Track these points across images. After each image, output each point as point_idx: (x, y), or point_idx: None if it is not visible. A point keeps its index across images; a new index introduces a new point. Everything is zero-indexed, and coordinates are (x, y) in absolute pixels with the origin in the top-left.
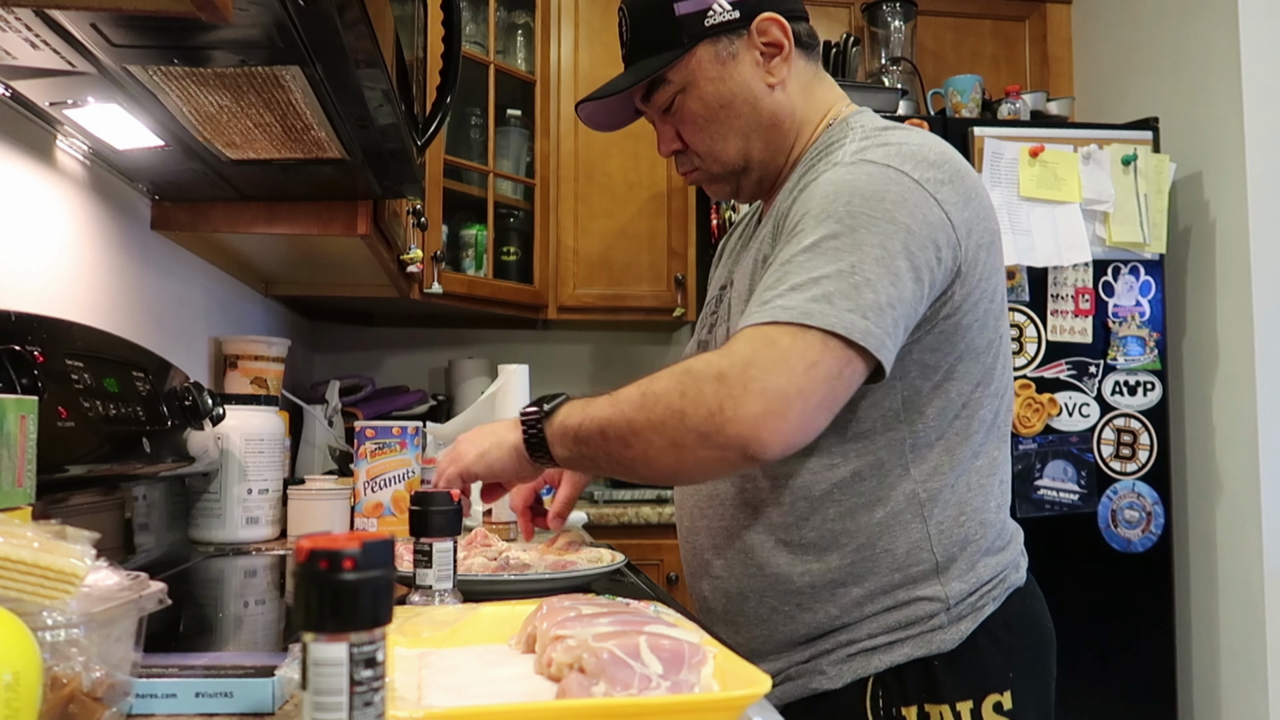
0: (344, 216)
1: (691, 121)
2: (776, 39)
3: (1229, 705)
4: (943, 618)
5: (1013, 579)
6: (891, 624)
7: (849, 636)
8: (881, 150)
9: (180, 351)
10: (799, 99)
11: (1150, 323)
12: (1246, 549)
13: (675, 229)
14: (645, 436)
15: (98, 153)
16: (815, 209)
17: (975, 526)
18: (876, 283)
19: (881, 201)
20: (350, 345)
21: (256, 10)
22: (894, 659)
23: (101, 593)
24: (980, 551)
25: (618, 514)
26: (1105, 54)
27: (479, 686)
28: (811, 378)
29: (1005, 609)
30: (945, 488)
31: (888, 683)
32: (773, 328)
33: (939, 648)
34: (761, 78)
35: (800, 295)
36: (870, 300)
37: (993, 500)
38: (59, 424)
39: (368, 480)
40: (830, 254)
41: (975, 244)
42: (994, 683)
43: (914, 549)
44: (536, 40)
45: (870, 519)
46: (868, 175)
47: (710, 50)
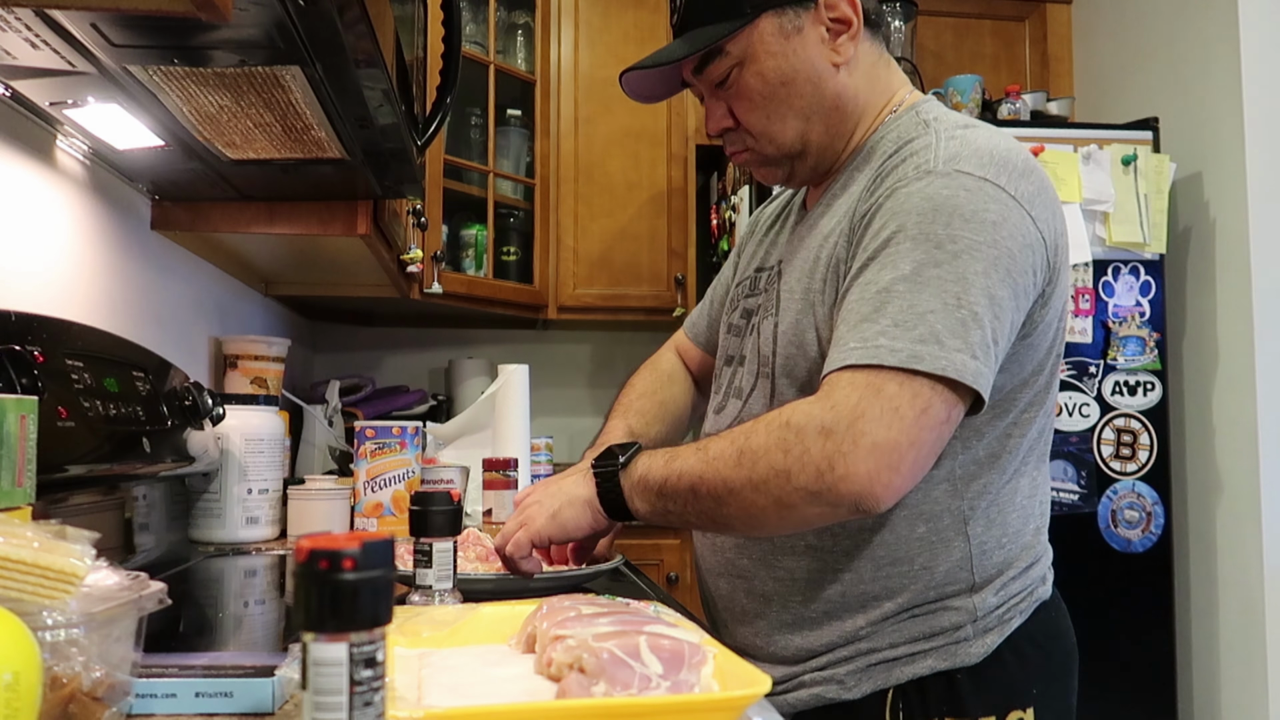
0: (344, 216)
1: (748, 98)
2: (845, 14)
3: (1229, 705)
4: (969, 629)
5: (1039, 592)
6: (915, 634)
7: (869, 645)
8: (974, 158)
9: (180, 351)
10: (864, 82)
11: (1150, 323)
12: (1246, 549)
13: (675, 229)
14: (745, 496)
15: (98, 153)
16: (912, 227)
17: (1015, 549)
18: (983, 316)
19: (983, 223)
20: (350, 345)
21: (256, 10)
22: (916, 671)
23: (101, 593)
24: (1015, 569)
25: None
26: (1105, 54)
27: (479, 686)
28: (922, 426)
29: (1031, 622)
30: (991, 507)
31: (909, 695)
32: (878, 373)
33: (963, 661)
34: (827, 55)
35: (907, 335)
36: (979, 338)
37: (1033, 522)
38: (59, 424)
39: (368, 480)
40: (934, 285)
41: (1060, 259)
42: (1018, 699)
43: (954, 568)
44: (536, 40)
45: (911, 534)
46: (966, 191)
47: (774, 22)
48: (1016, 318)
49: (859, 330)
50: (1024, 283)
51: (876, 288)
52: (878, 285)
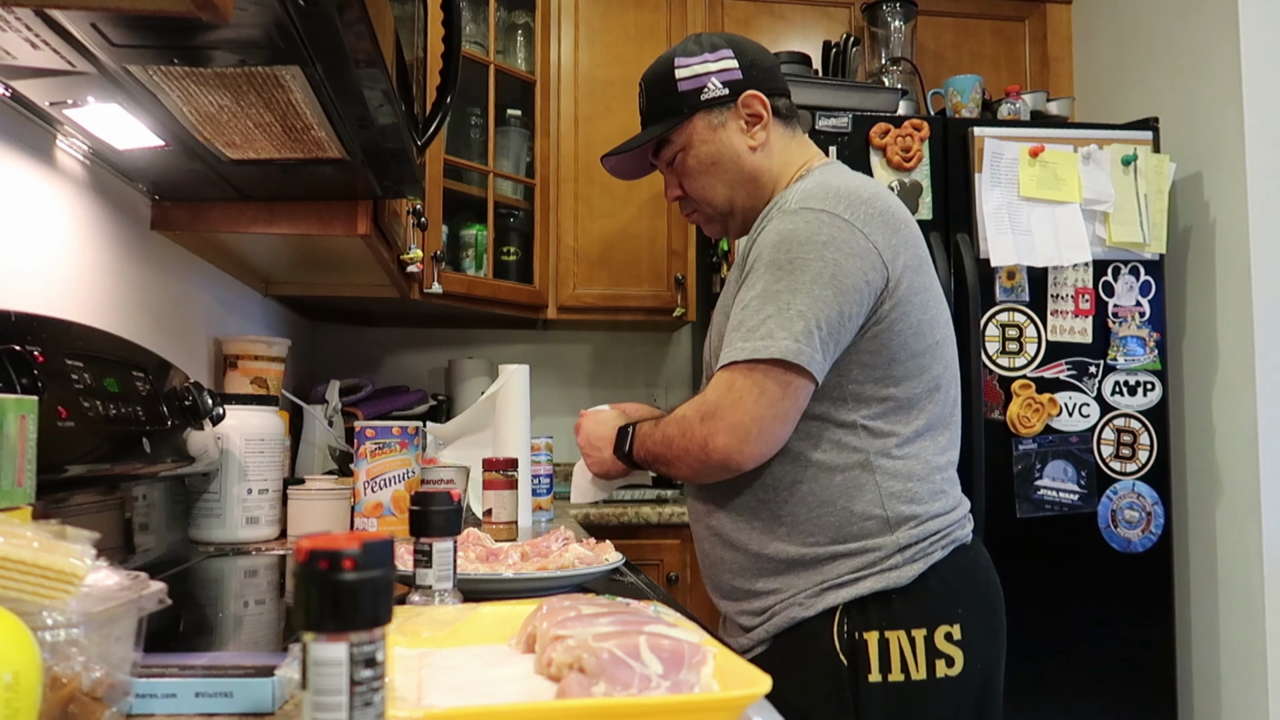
0: (344, 216)
1: (689, 174)
2: (757, 111)
3: (1229, 705)
4: (897, 558)
5: (958, 535)
6: (854, 566)
7: (820, 577)
8: (819, 195)
9: (180, 351)
10: (776, 158)
11: (1150, 323)
12: (1246, 549)
13: (675, 229)
14: (672, 462)
15: (98, 153)
16: (766, 257)
17: (924, 494)
18: (806, 311)
19: (814, 243)
20: (350, 345)
21: (256, 10)
22: (857, 592)
23: (101, 593)
24: (925, 515)
25: (617, 514)
26: (1105, 54)
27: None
28: (761, 405)
29: (952, 558)
30: (894, 462)
31: (852, 612)
32: (731, 371)
33: (894, 583)
34: (745, 141)
35: (752, 336)
36: (801, 328)
37: (939, 475)
38: (59, 424)
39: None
40: (774, 298)
41: (902, 265)
42: (944, 616)
43: (867, 506)
44: (536, 40)
45: (830, 481)
46: (805, 221)
47: (705, 119)
48: (848, 308)
49: (727, 339)
50: (852, 281)
51: (740, 306)
52: (741, 304)
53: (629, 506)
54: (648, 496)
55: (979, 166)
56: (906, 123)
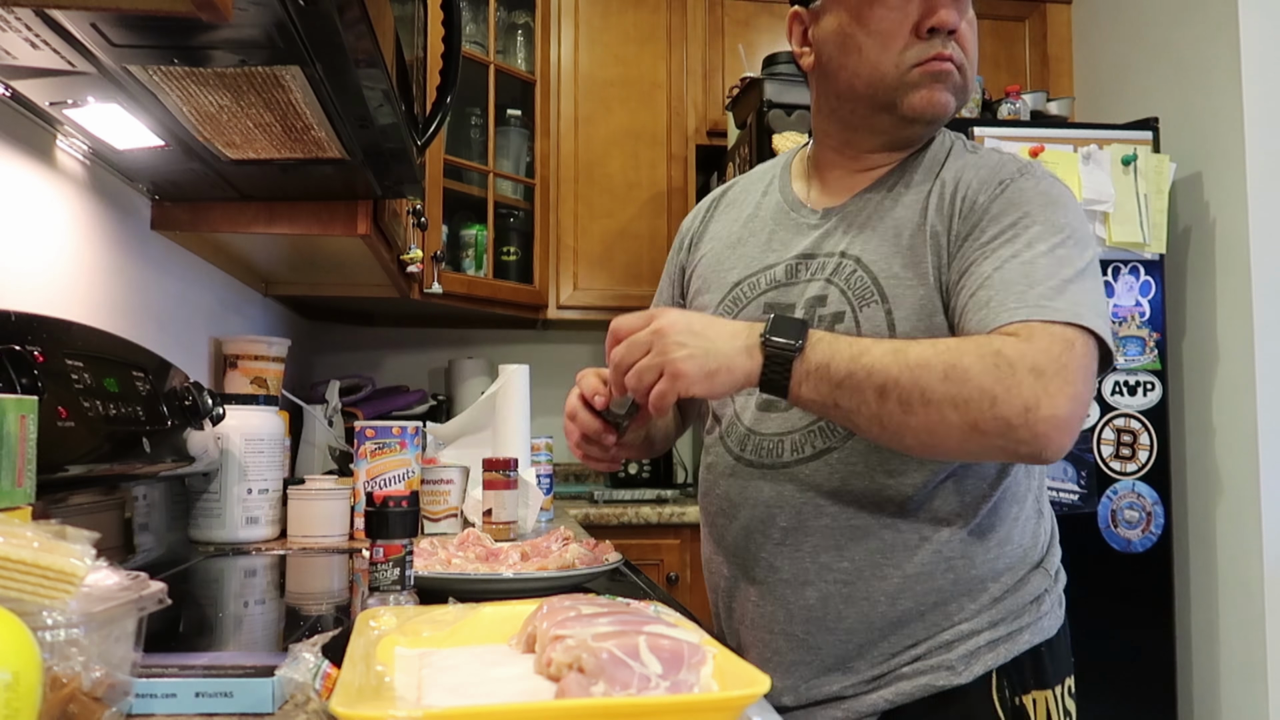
0: (344, 216)
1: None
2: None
3: (1229, 705)
4: (1048, 600)
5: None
6: (1008, 611)
7: (971, 628)
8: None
9: (180, 351)
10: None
11: (1150, 323)
12: (1246, 549)
13: (675, 229)
14: (941, 410)
15: (98, 153)
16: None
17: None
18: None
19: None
20: (350, 345)
21: (256, 10)
22: (1015, 649)
23: (101, 593)
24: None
25: (618, 514)
26: (1105, 54)
27: (479, 686)
28: (1089, 385)
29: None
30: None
31: (1010, 673)
32: (1068, 330)
33: (1045, 634)
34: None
35: (1059, 296)
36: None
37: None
38: (59, 424)
39: (368, 480)
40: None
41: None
42: (1068, 665)
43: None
44: (536, 40)
45: (1008, 514)
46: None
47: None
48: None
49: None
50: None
51: (1019, 262)
52: (1018, 259)
53: (629, 507)
54: (647, 496)
55: None
56: None
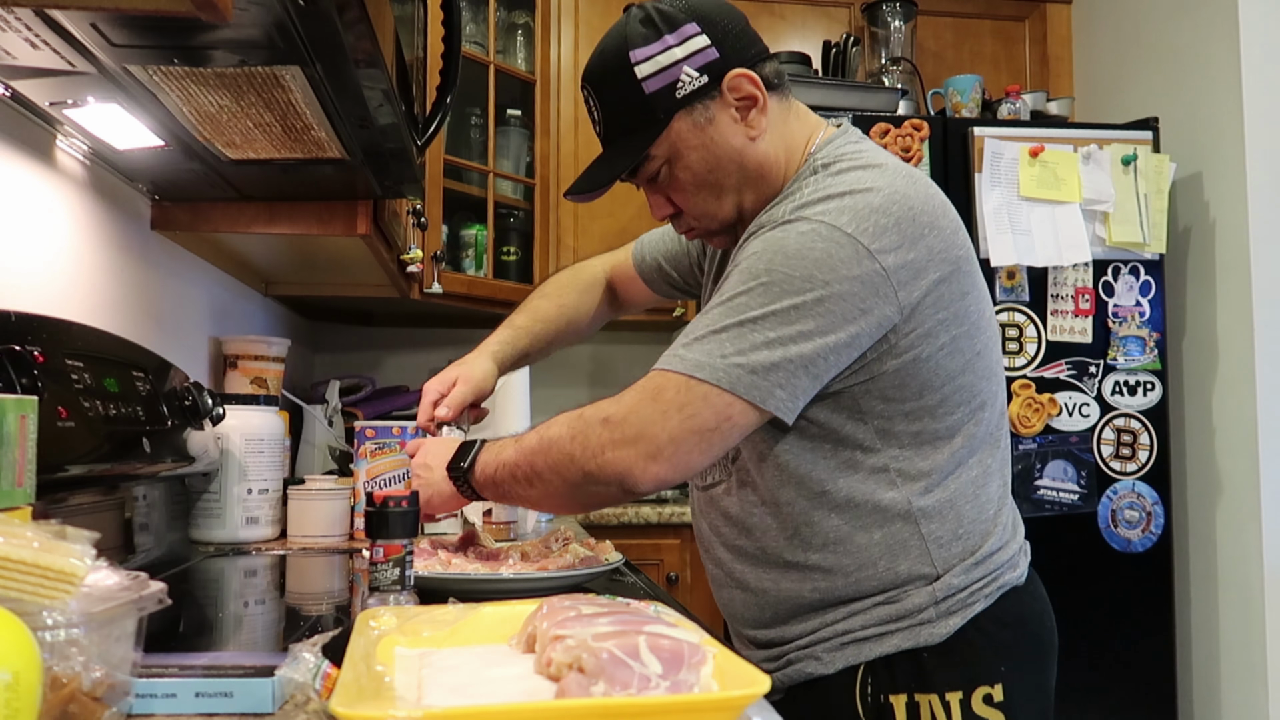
0: (344, 216)
1: (681, 189)
2: (749, 92)
3: (1229, 705)
4: (931, 612)
5: (1008, 577)
6: (883, 616)
7: (844, 626)
8: (820, 205)
9: (180, 351)
10: (779, 141)
11: (1150, 323)
12: (1246, 549)
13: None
14: (545, 478)
15: (98, 153)
16: (743, 265)
17: (974, 537)
18: (775, 341)
19: (803, 260)
20: (350, 345)
21: (256, 10)
22: (884, 649)
23: (101, 593)
24: (976, 558)
25: (617, 514)
26: (1105, 54)
27: (479, 686)
28: (686, 428)
29: (998, 606)
30: (939, 503)
31: (877, 671)
32: (665, 376)
33: (928, 640)
34: (742, 133)
35: (699, 348)
36: (763, 358)
37: (990, 507)
38: (59, 424)
39: (368, 480)
40: (738, 311)
41: (926, 285)
42: (984, 675)
43: (914, 564)
44: (536, 40)
45: (870, 540)
46: (798, 234)
47: (687, 120)
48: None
49: (675, 343)
50: (845, 310)
51: (700, 315)
52: (702, 314)
53: (629, 506)
54: (648, 496)
55: (979, 166)
56: (906, 123)
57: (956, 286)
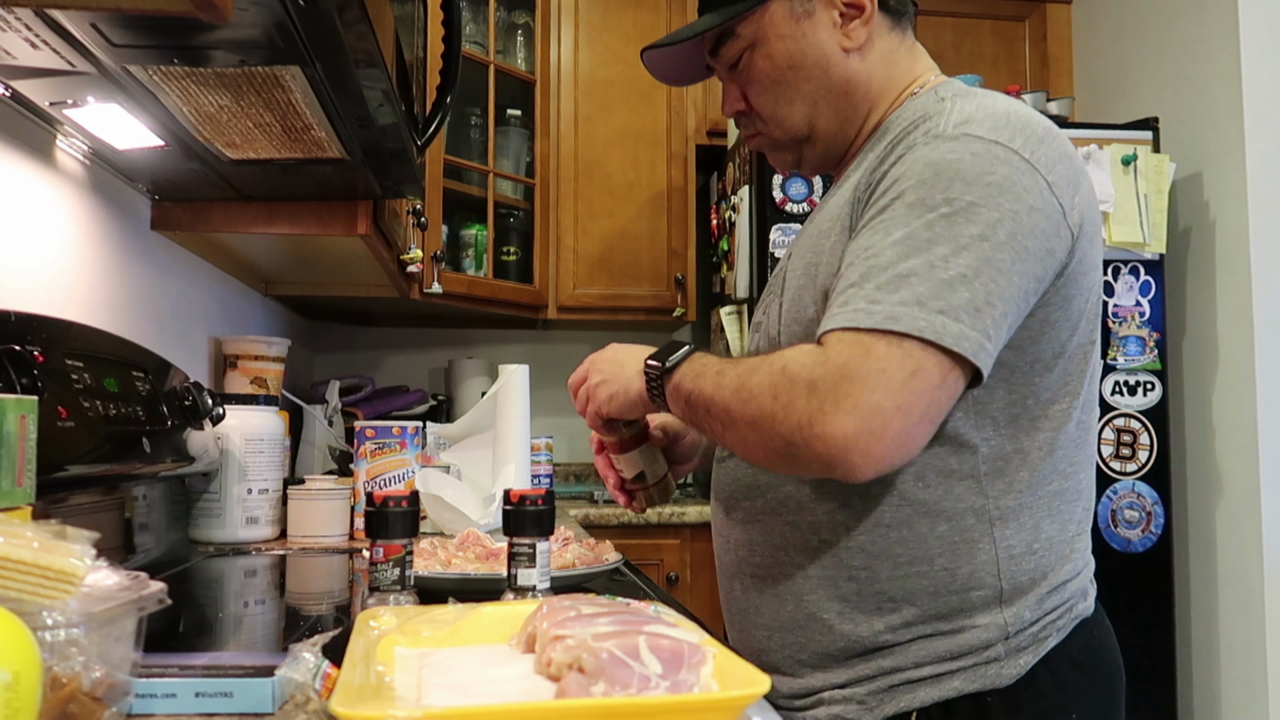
0: (344, 216)
1: (758, 81)
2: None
3: (1229, 705)
4: (1000, 648)
5: (1080, 608)
6: (942, 652)
7: (893, 663)
8: (989, 121)
9: (180, 351)
10: (878, 68)
11: (1150, 323)
12: (1246, 549)
13: (675, 229)
14: (740, 429)
15: (98, 153)
16: (910, 193)
17: (1051, 558)
18: (974, 279)
19: (986, 186)
20: (350, 345)
21: (256, 10)
22: (942, 693)
23: (101, 593)
24: (1051, 583)
25: (618, 514)
26: (1105, 54)
27: (479, 686)
28: (911, 390)
29: (1070, 641)
30: (1021, 508)
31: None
32: (866, 334)
33: (994, 683)
34: (837, 40)
35: (888, 296)
36: (964, 301)
37: (1071, 528)
38: (59, 424)
39: (368, 480)
40: (922, 248)
41: (1084, 233)
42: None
43: (977, 572)
44: (536, 40)
45: (932, 531)
46: (972, 154)
47: (785, 6)
48: (1027, 284)
49: (846, 295)
50: (1033, 247)
51: (866, 253)
52: (867, 250)
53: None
54: None
55: None
56: None
57: (1095, 254)
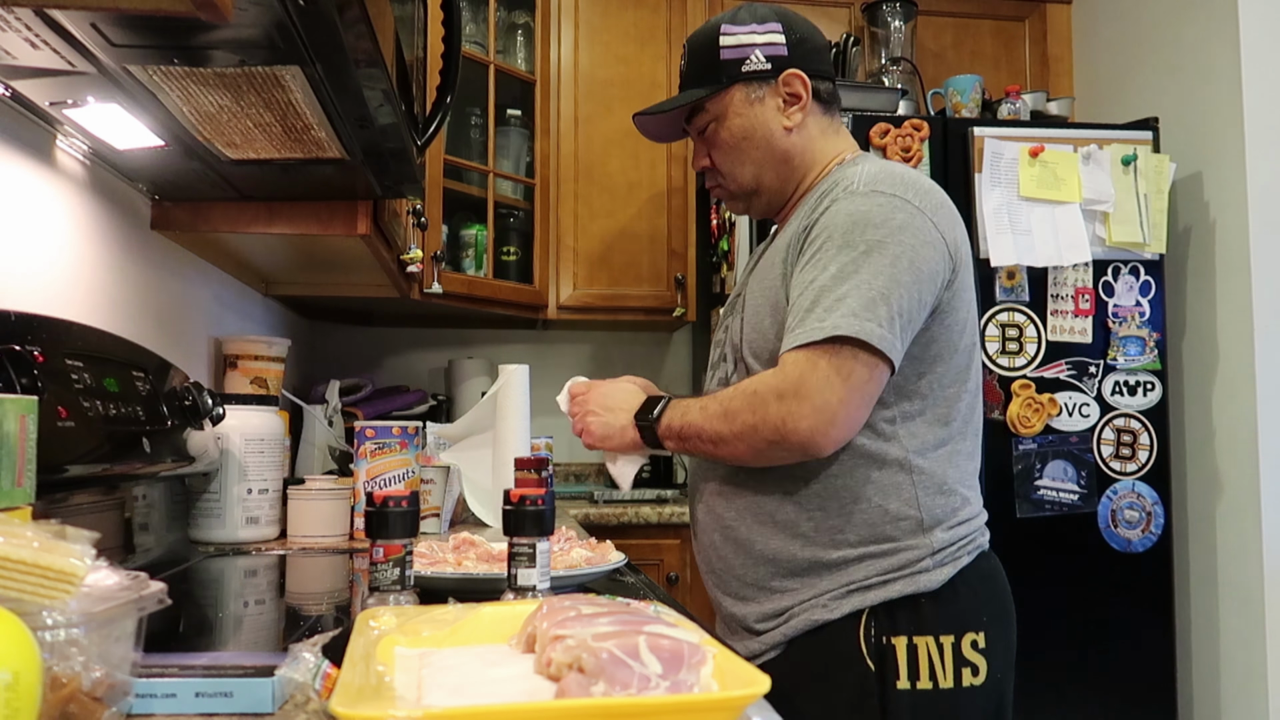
0: (344, 216)
1: (719, 147)
2: (797, 91)
3: (1229, 705)
4: (928, 562)
5: (980, 541)
6: (884, 567)
7: (847, 577)
8: (888, 181)
9: (180, 351)
10: (811, 143)
11: (1150, 323)
12: (1246, 549)
13: (675, 229)
14: (730, 444)
15: (98, 153)
16: (837, 236)
17: (956, 500)
18: (889, 295)
19: (890, 227)
20: (350, 345)
21: (256, 10)
22: (887, 595)
23: (101, 593)
24: (958, 517)
25: (618, 514)
26: (1105, 54)
27: (479, 686)
28: (850, 387)
29: (976, 564)
30: (930, 461)
31: (879, 615)
32: (814, 349)
33: (924, 587)
34: (780, 121)
35: (829, 315)
36: (884, 313)
37: (966, 480)
38: (59, 424)
39: (368, 480)
40: (848, 277)
41: (960, 259)
42: (971, 623)
43: (903, 505)
44: (536, 40)
45: (866, 477)
46: (878, 205)
47: (742, 91)
48: (924, 296)
49: (801, 319)
50: (927, 269)
51: (812, 285)
52: (813, 283)
53: (629, 506)
54: (647, 496)
55: (979, 166)
56: (906, 123)
57: (968, 277)
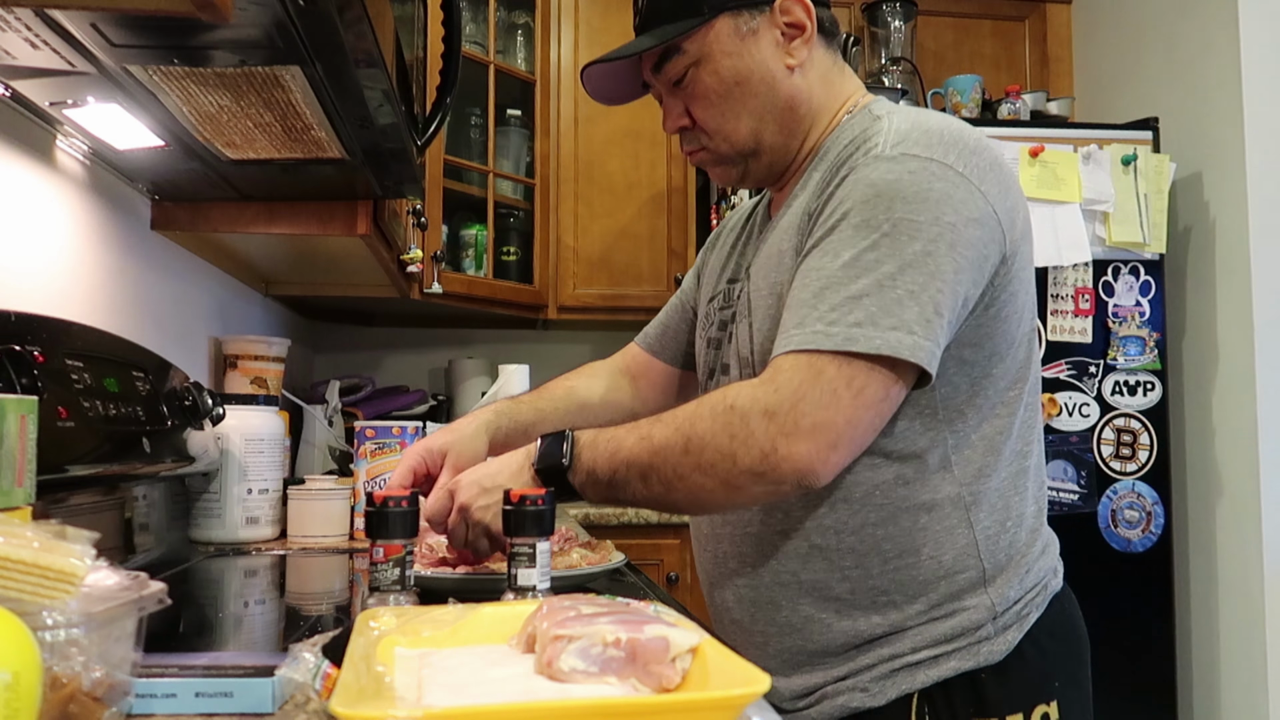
0: (344, 216)
1: (704, 97)
2: (799, 20)
3: (1229, 705)
4: (989, 628)
5: (1053, 585)
6: (937, 636)
7: (891, 650)
8: (923, 139)
9: (180, 351)
10: (818, 85)
11: (1150, 323)
12: (1246, 549)
13: (675, 229)
14: (693, 480)
15: (98, 153)
16: (855, 214)
17: (1021, 532)
18: (921, 292)
19: (925, 202)
20: (350, 345)
21: (256, 10)
22: (940, 673)
23: (101, 593)
24: (1026, 559)
25: (618, 514)
26: (1105, 54)
27: (479, 686)
28: (858, 405)
29: (1048, 615)
30: (989, 490)
31: (934, 698)
32: (818, 357)
33: (986, 659)
34: (781, 58)
35: (844, 319)
36: (915, 314)
37: (1031, 504)
38: (59, 424)
39: (368, 480)
40: (869, 269)
41: (1017, 234)
42: (1042, 693)
43: (961, 556)
44: (536, 40)
45: (914, 524)
46: (910, 172)
47: (730, 23)
48: (970, 291)
49: (800, 316)
50: (972, 255)
51: (818, 275)
52: (819, 272)
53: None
54: None
55: None
56: None
57: (1029, 251)
